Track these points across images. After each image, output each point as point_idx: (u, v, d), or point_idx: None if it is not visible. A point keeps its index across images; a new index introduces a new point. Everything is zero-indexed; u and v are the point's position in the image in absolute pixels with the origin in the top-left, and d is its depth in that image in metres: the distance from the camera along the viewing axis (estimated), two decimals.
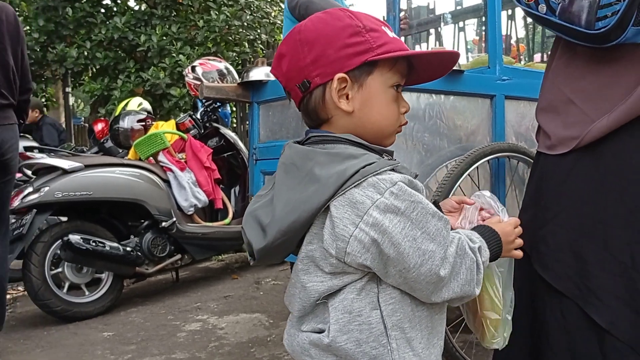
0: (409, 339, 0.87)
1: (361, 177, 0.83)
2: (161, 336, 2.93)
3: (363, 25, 0.90)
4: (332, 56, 0.89)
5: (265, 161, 2.20)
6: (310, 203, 0.84)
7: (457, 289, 0.88)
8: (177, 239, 3.63)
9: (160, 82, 5.70)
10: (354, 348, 0.86)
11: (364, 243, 0.83)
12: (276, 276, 4.12)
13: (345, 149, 0.88)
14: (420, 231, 0.84)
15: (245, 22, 6.10)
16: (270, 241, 0.86)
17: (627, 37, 1.11)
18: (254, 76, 2.21)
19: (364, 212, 0.82)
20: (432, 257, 0.84)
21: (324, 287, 0.87)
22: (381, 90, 0.92)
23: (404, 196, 0.83)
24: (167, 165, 3.69)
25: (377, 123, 0.93)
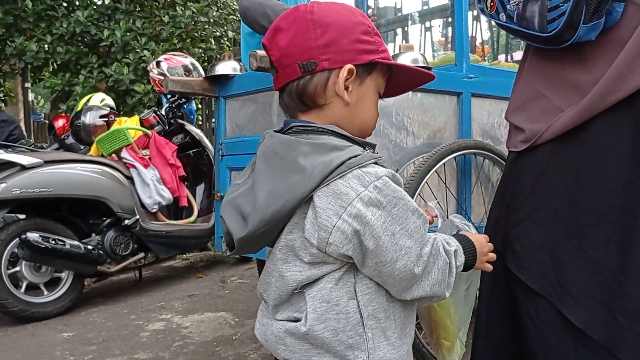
0: (384, 329, 0.89)
1: (347, 168, 0.84)
2: (123, 336, 2.86)
3: (371, 28, 0.94)
4: (346, 46, 0.90)
5: (232, 157, 2.17)
6: (294, 192, 0.84)
7: (428, 288, 0.90)
8: (141, 237, 3.56)
9: (123, 78, 5.57)
10: (330, 337, 0.86)
11: (346, 234, 0.83)
12: (242, 275, 4.08)
13: (330, 140, 0.89)
14: (400, 227, 0.85)
15: (211, 18, 6.01)
16: (251, 230, 0.86)
17: (580, 36, 1.13)
18: (221, 70, 2.17)
19: (347, 204, 0.83)
20: (408, 254, 0.86)
21: (303, 277, 0.88)
22: (373, 91, 0.96)
23: (387, 191, 0.85)
24: (131, 161, 3.62)
25: (365, 120, 0.96)
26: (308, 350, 0.88)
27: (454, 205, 2.16)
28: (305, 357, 0.89)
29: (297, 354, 0.89)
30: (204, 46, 6.31)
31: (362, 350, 0.87)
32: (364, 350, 0.87)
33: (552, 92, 1.24)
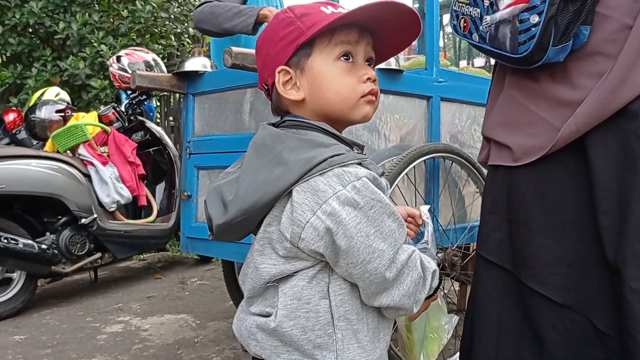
0: (355, 331, 0.88)
1: (328, 166, 0.83)
2: (79, 339, 2.76)
3: (294, 14, 0.91)
4: (272, 53, 0.92)
5: (200, 155, 2.11)
6: (274, 185, 0.84)
7: (397, 298, 0.88)
8: (98, 236, 3.45)
9: (79, 73, 5.39)
10: (299, 334, 0.86)
11: (318, 230, 0.83)
12: (202, 276, 4.01)
13: (317, 137, 0.89)
14: (374, 229, 0.84)
15: (172, 14, 5.89)
16: (230, 218, 0.87)
17: (550, 57, 1.17)
18: (190, 66, 2.11)
19: (323, 201, 0.82)
20: (381, 257, 0.85)
21: (276, 270, 0.88)
22: (324, 66, 0.91)
23: (365, 192, 0.84)
24: (88, 158, 3.50)
25: (331, 101, 0.91)
26: (278, 347, 0.88)
27: None
28: (274, 353, 0.88)
29: (267, 350, 0.88)
30: (164, 42, 6.18)
31: (331, 350, 0.86)
32: (333, 351, 0.86)
33: (544, 109, 1.25)
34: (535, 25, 1.14)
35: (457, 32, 1.35)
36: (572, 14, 1.14)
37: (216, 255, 2.21)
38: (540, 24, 1.13)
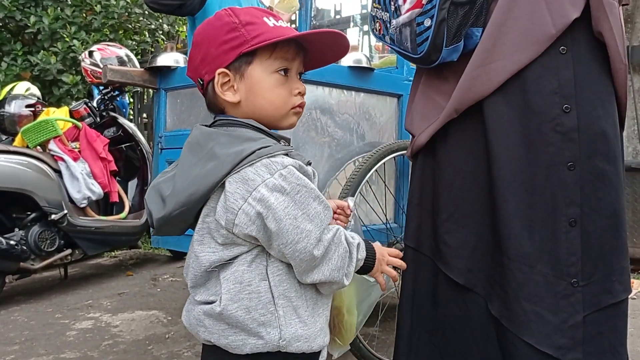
0: (295, 307, 0.96)
1: (256, 157, 0.91)
2: (48, 335, 2.73)
3: (239, 20, 0.97)
4: (214, 54, 0.97)
5: (172, 150, 2.12)
6: (208, 178, 0.92)
7: (327, 273, 0.96)
8: (68, 232, 3.41)
9: (50, 68, 5.32)
10: (243, 315, 0.93)
11: (250, 216, 0.91)
12: (174, 273, 4.00)
13: (246, 132, 0.97)
14: (301, 212, 0.92)
15: (146, 10, 5.83)
16: (168, 211, 0.93)
17: (444, 57, 1.29)
18: (162, 61, 2.12)
19: (253, 188, 0.90)
20: (308, 236, 0.92)
21: (215, 257, 0.95)
22: (263, 77, 0.99)
23: (291, 179, 0.92)
24: (59, 154, 3.46)
25: (264, 108, 1.00)
26: (225, 330, 0.94)
27: (392, 203, 2.21)
28: (222, 336, 0.95)
29: (215, 335, 0.95)
30: (137, 39, 6.13)
31: (274, 327, 0.94)
32: (276, 327, 0.94)
33: (443, 98, 1.35)
34: (428, 28, 1.26)
35: (375, 34, 1.47)
36: (461, 17, 1.25)
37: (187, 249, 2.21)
38: (432, 27, 1.25)
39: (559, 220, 1.26)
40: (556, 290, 1.26)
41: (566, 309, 1.25)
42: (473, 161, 1.32)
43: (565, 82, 1.25)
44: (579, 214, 1.26)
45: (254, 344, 0.94)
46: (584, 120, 1.25)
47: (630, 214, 3.31)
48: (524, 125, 1.26)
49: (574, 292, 1.26)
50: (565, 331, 1.24)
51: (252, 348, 0.94)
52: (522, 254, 1.25)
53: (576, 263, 1.26)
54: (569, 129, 1.25)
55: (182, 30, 6.52)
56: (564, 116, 1.25)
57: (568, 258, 1.26)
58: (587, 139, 1.25)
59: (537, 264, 1.25)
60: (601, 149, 1.26)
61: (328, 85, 2.03)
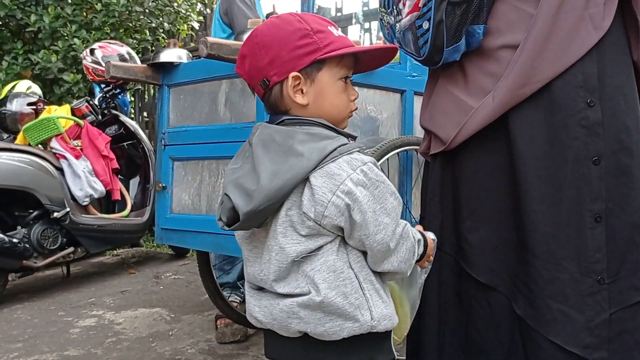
0: (377, 290, 1.04)
1: (338, 154, 0.98)
2: (51, 333, 2.74)
3: (311, 28, 1.03)
4: (286, 57, 1.02)
5: (175, 147, 2.12)
6: (294, 173, 0.97)
7: (396, 264, 1.04)
8: (70, 230, 3.42)
9: (51, 66, 5.30)
10: (342, 301, 0.99)
11: (339, 207, 0.97)
12: (176, 270, 4.00)
13: (322, 131, 1.03)
14: (380, 205, 0.99)
15: (147, 8, 5.82)
16: (256, 205, 0.97)
17: (446, 58, 1.29)
18: (165, 57, 2.11)
19: (340, 182, 0.97)
20: (386, 229, 1.00)
21: (301, 248, 1.00)
22: (331, 83, 1.05)
23: (371, 174, 0.99)
24: (61, 152, 3.46)
25: (329, 112, 1.06)
26: (321, 318, 1.00)
27: None
28: (319, 324, 1.00)
29: (312, 324, 1.00)
30: (138, 37, 6.11)
31: (366, 309, 1.01)
32: (367, 309, 1.01)
33: (471, 97, 1.32)
34: (427, 31, 1.27)
35: (386, 38, 1.47)
36: (459, 16, 1.25)
37: (191, 246, 2.22)
38: (430, 29, 1.26)
39: (584, 216, 1.23)
40: (582, 288, 1.23)
41: (592, 307, 1.23)
42: (495, 158, 1.30)
43: (589, 75, 1.23)
44: (604, 210, 1.23)
45: (350, 327, 1.00)
46: (607, 114, 1.23)
47: None
48: (548, 120, 1.24)
49: (599, 289, 1.23)
50: (592, 330, 1.22)
51: (349, 332, 1.00)
52: (548, 251, 1.23)
53: (602, 260, 1.23)
54: (593, 123, 1.23)
55: (182, 28, 6.51)
56: (588, 110, 1.22)
57: (594, 255, 1.23)
58: (611, 134, 1.23)
59: (563, 261, 1.23)
60: (625, 143, 1.24)
61: None
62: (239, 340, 2.51)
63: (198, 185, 2.06)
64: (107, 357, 2.41)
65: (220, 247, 1.99)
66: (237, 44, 1.75)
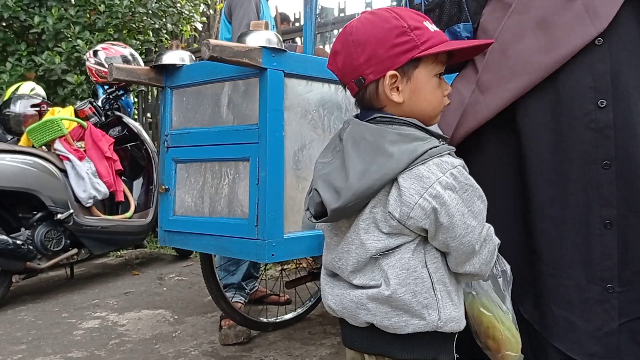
0: (449, 292, 1.04)
1: (428, 157, 0.98)
2: (55, 335, 2.74)
3: (408, 25, 1.02)
4: (383, 55, 1.02)
5: (178, 149, 2.11)
6: (383, 173, 0.98)
7: (477, 266, 1.04)
8: (74, 232, 3.42)
9: (55, 68, 5.33)
10: (410, 298, 1.01)
11: (426, 210, 0.98)
12: (180, 272, 4.00)
13: (413, 132, 1.03)
14: (468, 209, 1.00)
15: (150, 9, 5.84)
16: (344, 202, 0.99)
17: None
18: (167, 59, 2.10)
19: (429, 185, 0.97)
20: (473, 232, 1.01)
21: (381, 245, 1.02)
22: (427, 80, 1.05)
23: (460, 178, 1.00)
24: (64, 153, 3.47)
25: (424, 109, 1.06)
26: (388, 312, 1.02)
27: None
28: (386, 317, 1.02)
29: (378, 317, 1.02)
30: (141, 38, 6.14)
31: (434, 309, 1.02)
32: (436, 309, 1.02)
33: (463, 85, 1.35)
34: None
35: None
36: (435, 21, 1.24)
37: (193, 248, 2.21)
38: None
39: (592, 222, 1.21)
40: (588, 296, 1.21)
41: (600, 315, 1.20)
42: (505, 159, 1.30)
43: (600, 75, 1.19)
44: (615, 216, 1.20)
45: (416, 324, 1.02)
46: (621, 115, 1.19)
47: None
48: (555, 122, 1.22)
49: (609, 298, 1.20)
50: (599, 339, 1.20)
51: (414, 328, 1.02)
52: (553, 256, 1.22)
53: (612, 268, 1.20)
54: (604, 125, 1.19)
55: (185, 29, 6.52)
56: (598, 112, 1.19)
57: (602, 262, 1.21)
58: (625, 136, 1.19)
59: (568, 268, 1.21)
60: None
61: (334, 82, 2.02)
62: (242, 342, 2.50)
63: (201, 187, 2.05)
64: (110, 358, 2.41)
65: (223, 249, 1.99)
66: (240, 46, 1.74)
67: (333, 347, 2.44)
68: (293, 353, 2.39)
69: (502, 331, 1.19)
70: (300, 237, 1.93)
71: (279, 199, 1.84)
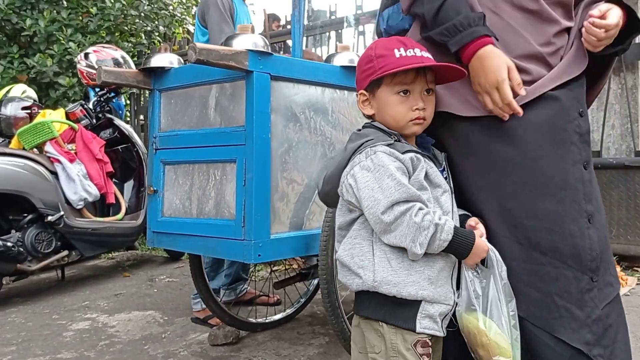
0: (389, 259, 1.23)
1: (364, 148, 1.25)
2: (45, 336, 2.75)
3: (375, 54, 1.30)
4: (359, 78, 1.35)
5: (166, 150, 2.13)
6: (338, 163, 1.31)
7: (397, 239, 1.19)
8: (65, 234, 3.43)
9: (47, 70, 5.33)
10: (349, 259, 1.27)
11: (346, 187, 1.26)
12: (171, 273, 4.01)
13: (367, 132, 1.31)
14: (377, 185, 1.20)
15: (142, 12, 5.86)
16: (323, 189, 1.38)
17: None
18: (156, 62, 2.13)
19: (352, 167, 1.25)
20: (377, 204, 1.19)
21: (342, 219, 1.32)
22: (387, 97, 1.30)
23: (376, 160, 1.22)
24: (55, 156, 3.47)
25: (387, 121, 1.31)
26: (342, 270, 1.30)
27: None
28: (342, 275, 1.31)
29: (340, 275, 1.31)
30: (133, 40, 6.15)
31: (370, 270, 1.23)
32: (371, 271, 1.23)
33: None
34: None
35: None
36: None
37: (182, 249, 2.23)
38: None
39: (582, 216, 1.31)
40: (581, 286, 1.30)
41: (589, 303, 1.29)
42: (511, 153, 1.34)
43: (579, 89, 1.40)
44: (592, 211, 1.33)
45: (357, 282, 1.25)
46: (587, 124, 1.39)
47: (625, 211, 3.32)
48: (552, 123, 1.34)
49: (593, 287, 1.31)
50: (589, 326, 1.29)
51: (357, 286, 1.25)
52: (554, 248, 1.30)
53: (596, 258, 1.31)
54: (585, 131, 1.37)
55: (178, 32, 6.54)
56: (580, 119, 1.37)
57: (590, 253, 1.30)
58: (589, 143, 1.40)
59: (568, 259, 1.30)
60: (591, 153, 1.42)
61: (321, 85, 2.05)
62: (231, 342, 2.52)
63: (189, 188, 2.07)
64: (99, 359, 2.42)
65: (211, 250, 2.01)
66: (226, 49, 1.77)
67: (321, 347, 2.46)
68: (281, 353, 2.41)
69: (488, 335, 1.21)
70: (287, 238, 1.96)
71: (266, 200, 1.86)
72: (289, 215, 1.97)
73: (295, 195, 1.99)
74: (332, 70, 2.09)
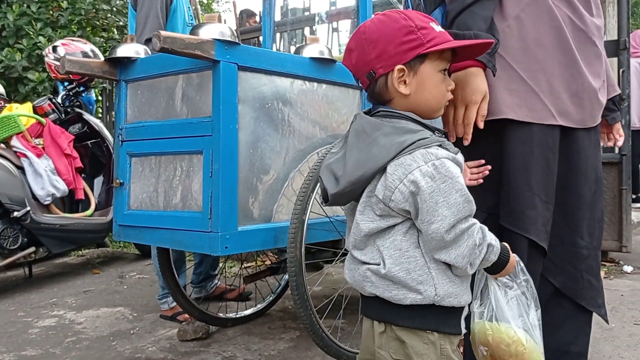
0: (444, 270, 1.14)
1: (415, 147, 1.09)
2: (10, 333, 2.69)
3: (415, 25, 1.13)
4: (392, 52, 1.13)
5: (132, 142, 2.09)
6: (374, 162, 1.10)
7: (452, 257, 1.11)
8: (31, 230, 3.36)
9: (16, 65, 5.23)
10: (405, 275, 1.13)
11: (404, 194, 1.09)
12: (142, 270, 3.96)
13: (407, 125, 1.14)
14: (443, 198, 1.08)
15: (114, 6, 5.77)
16: (341, 189, 1.14)
17: None
18: (122, 52, 2.09)
19: (409, 172, 1.08)
20: (442, 220, 1.08)
21: (373, 225, 1.15)
22: (431, 75, 1.16)
23: (441, 169, 1.08)
24: (22, 150, 3.41)
25: (429, 102, 1.18)
26: (389, 285, 1.14)
27: None
28: (387, 290, 1.14)
29: (380, 289, 1.15)
30: (105, 35, 6.05)
31: (430, 285, 1.12)
32: (432, 285, 1.12)
33: None
34: None
35: None
36: None
37: (148, 242, 2.19)
38: None
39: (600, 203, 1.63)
40: (599, 262, 1.64)
41: (600, 275, 1.64)
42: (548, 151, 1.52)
43: None
44: None
45: (413, 297, 1.13)
46: None
47: None
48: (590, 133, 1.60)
49: (598, 261, 1.64)
50: (599, 291, 1.63)
51: (412, 301, 1.13)
52: (590, 232, 1.59)
53: (599, 237, 1.64)
54: None
55: None
56: None
57: (600, 233, 1.63)
58: None
59: (594, 240, 1.60)
60: None
61: (289, 76, 2.03)
62: (200, 337, 2.49)
63: (155, 180, 2.04)
64: (65, 356, 2.38)
65: (178, 242, 1.98)
66: (192, 38, 1.74)
67: (292, 341, 2.45)
68: (251, 347, 2.39)
69: (524, 345, 1.25)
70: (255, 230, 1.94)
71: (233, 192, 1.84)
72: (257, 207, 1.95)
73: (264, 187, 1.97)
74: (300, 62, 2.08)
